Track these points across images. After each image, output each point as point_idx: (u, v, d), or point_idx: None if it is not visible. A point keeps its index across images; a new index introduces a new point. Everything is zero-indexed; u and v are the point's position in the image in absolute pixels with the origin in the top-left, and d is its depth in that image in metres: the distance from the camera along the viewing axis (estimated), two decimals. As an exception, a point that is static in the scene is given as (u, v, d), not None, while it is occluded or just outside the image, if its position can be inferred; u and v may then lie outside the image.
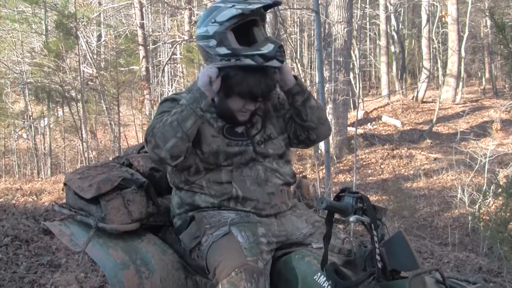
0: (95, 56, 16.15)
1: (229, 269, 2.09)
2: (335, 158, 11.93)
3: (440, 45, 19.98)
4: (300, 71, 12.66)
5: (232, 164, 2.36)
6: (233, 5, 2.27)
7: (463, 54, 19.31)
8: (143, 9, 18.09)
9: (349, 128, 13.38)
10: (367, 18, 24.27)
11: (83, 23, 14.84)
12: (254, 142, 2.42)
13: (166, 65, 20.33)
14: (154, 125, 2.25)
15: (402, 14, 25.45)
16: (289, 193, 2.52)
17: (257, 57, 2.29)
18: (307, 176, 10.19)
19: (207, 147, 2.35)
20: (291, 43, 12.81)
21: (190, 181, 2.39)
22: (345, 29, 12.17)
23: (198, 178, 2.38)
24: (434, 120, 15.49)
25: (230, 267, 2.09)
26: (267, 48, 2.30)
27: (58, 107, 14.83)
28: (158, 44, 21.77)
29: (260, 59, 2.29)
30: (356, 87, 16.51)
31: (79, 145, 13.23)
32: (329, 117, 11.62)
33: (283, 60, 2.35)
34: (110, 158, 3.21)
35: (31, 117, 14.47)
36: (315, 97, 2.50)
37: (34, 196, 8.95)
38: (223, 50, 2.32)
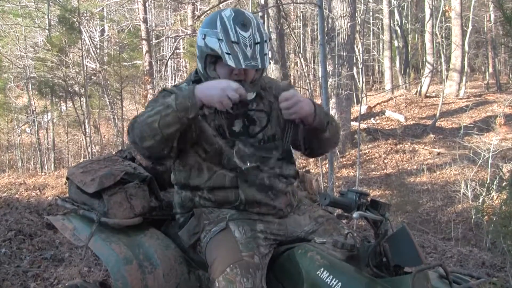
0: (98, 51, 16.11)
1: (223, 266, 2.08)
2: (338, 153, 11.90)
3: (443, 39, 19.88)
4: (304, 66, 12.63)
5: (236, 169, 2.29)
6: (222, 41, 2.18)
7: (466, 48, 19.25)
8: (146, 3, 18.04)
9: (352, 123, 13.35)
10: (371, 13, 24.21)
11: (86, 18, 14.83)
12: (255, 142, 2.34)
13: (169, 60, 20.31)
14: (137, 119, 2.17)
15: (405, 8, 25.36)
16: (294, 192, 2.46)
17: None
18: (310, 170, 10.18)
19: (210, 146, 2.29)
20: (295, 38, 12.76)
21: (191, 185, 2.34)
22: (349, 24, 12.14)
23: (201, 183, 2.32)
24: (438, 114, 15.46)
25: (225, 263, 2.08)
26: None
27: (61, 101, 14.82)
28: (162, 38, 21.73)
29: None
30: (359, 81, 16.49)
31: (83, 139, 13.24)
32: (332, 112, 11.61)
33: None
34: (113, 153, 3.19)
35: (35, 112, 14.48)
36: (321, 93, 2.34)
37: (38, 190, 8.95)
38: (199, 66, 2.32)
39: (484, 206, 6.65)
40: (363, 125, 14.50)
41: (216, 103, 2.07)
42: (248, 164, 2.29)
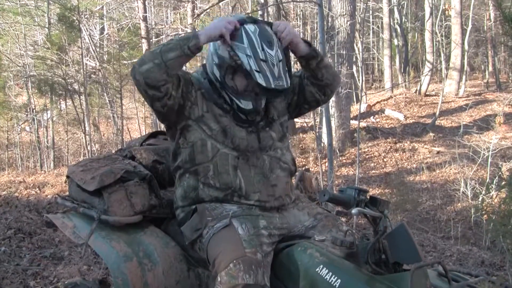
0: (98, 49, 16.11)
1: (227, 261, 2.09)
2: (338, 151, 11.91)
3: (443, 38, 19.89)
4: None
5: (239, 149, 2.35)
6: (250, 57, 2.26)
7: (466, 47, 19.25)
8: (146, 2, 18.03)
9: (352, 121, 13.34)
10: (370, 11, 24.20)
11: (85, 16, 14.80)
12: (259, 128, 2.43)
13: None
14: None
15: (405, 7, 25.35)
16: (292, 185, 2.52)
17: (234, 103, 2.37)
18: (310, 169, 10.18)
19: (215, 124, 2.35)
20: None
21: (196, 161, 2.38)
22: (348, 22, 12.13)
23: (205, 160, 2.36)
24: (437, 113, 15.45)
25: (228, 259, 2.10)
26: (246, 104, 2.37)
27: (61, 100, 14.85)
28: (161, 37, 21.68)
29: (234, 106, 2.38)
30: (359, 80, 16.48)
31: (82, 138, 13.25)
32: (332, 110, 11.60)
33: (250, 124, 2.41)
34: (113, 151, 3.20)
35: (34, 110, 14.50)
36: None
37: (37, 188, 8.95)
38: (217, 73, 2.39)
39: (483, 205, 6.64)
40: (363, 124, 14.49)
41: (222, 28, 2.24)
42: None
